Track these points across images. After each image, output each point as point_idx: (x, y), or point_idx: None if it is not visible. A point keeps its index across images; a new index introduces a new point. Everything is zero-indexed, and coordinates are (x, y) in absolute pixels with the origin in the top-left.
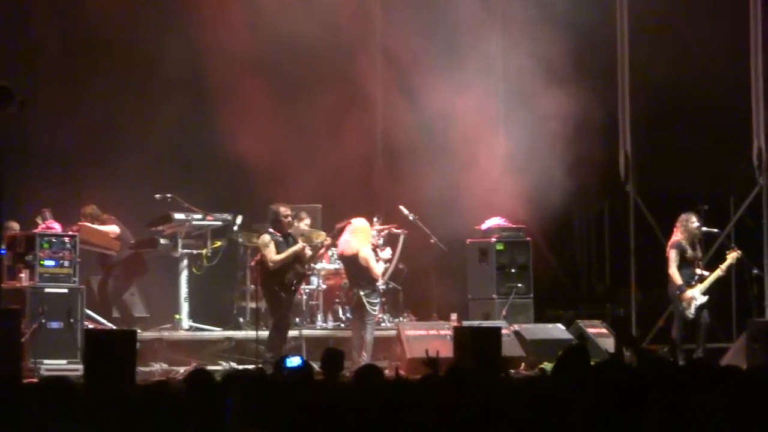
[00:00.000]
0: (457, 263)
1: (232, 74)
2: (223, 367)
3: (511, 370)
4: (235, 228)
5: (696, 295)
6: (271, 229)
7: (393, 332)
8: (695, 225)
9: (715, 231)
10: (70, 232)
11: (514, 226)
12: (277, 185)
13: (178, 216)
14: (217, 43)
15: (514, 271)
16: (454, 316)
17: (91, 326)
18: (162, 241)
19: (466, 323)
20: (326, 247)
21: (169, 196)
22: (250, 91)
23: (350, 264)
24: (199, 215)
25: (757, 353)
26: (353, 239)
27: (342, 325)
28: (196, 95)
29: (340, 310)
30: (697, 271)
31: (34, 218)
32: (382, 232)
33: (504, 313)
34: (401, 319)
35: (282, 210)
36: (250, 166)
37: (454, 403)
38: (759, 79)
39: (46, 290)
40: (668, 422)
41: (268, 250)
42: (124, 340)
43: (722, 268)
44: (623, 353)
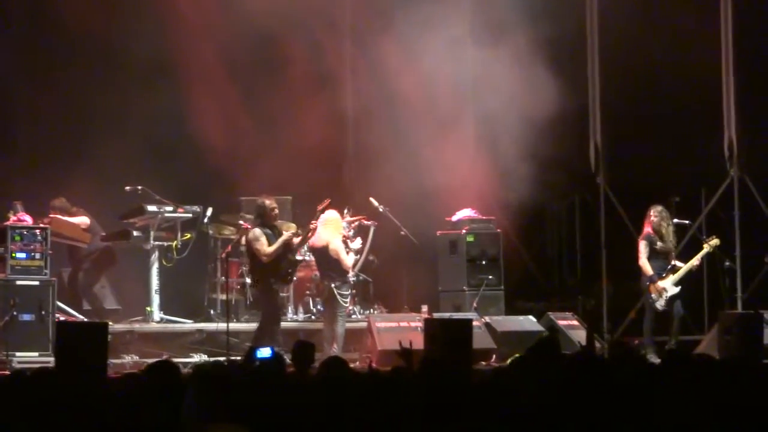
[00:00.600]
0: (427, 255)
1: (201, 64)
2: (194, 359)
3: (482, 362)
4: (206, 220)
5: (668, 287)
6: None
7: (364, 324)
8: (661, 217)
9: (686, 222)
10: (42, 225)
11: (484, 217)
12: (245, 177)
13: (151, 208)
14: (187, 30)
15: (484, 262)
16: (425, 308)
17: (62, 318)
18: (134, 233)
19: (437, 315)
20: (313, 231)
21: (140, 188)
22: (218, 81)
23: (321, 256)
24: (171, 207)
25: (730, 345)
26: (324, 231)
27: (313, 318)
28: (166, 86)
29: (311, 302)
30: (673, 263)
31: (6, 211)
32: (353, 224)
33: (475, 305)
34: (372, 311)
35: (268, 203)
36: (218, 158)
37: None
38: (730, 70)
39: (18, 282)
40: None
41: (259, 244)
42: (96, 333)
43: (697, 258)
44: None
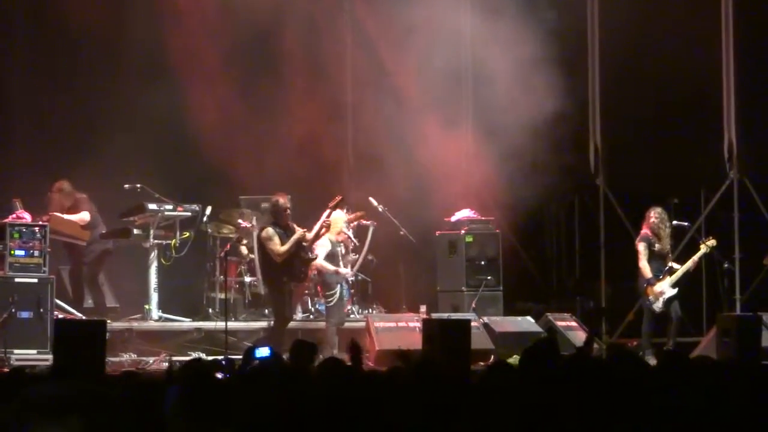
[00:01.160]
0: (426, 255)
1: (201, 63)
2: (193, 357)
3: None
4: (204, 219)
5: (665, 288)
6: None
7: (362, 324)
8: (660, 219)
9: (686, 224)
10: (40, 222)
11: (483, 218)
12: (244, 175)
13: (152, 206)
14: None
15: (483, 263)
16: (424, 308)
17: (61, 316)
18: (135, 231)
19: (435, 315)
20: (327, 228)
21: (139, 186)
22: (218, 80)
23: None
24: (170, 206)
25: (728, 347)
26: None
27: (311, 317)
28: (166, 85)
29: (310, 302)
30: (669, 264)
31: (4, 209)
32: (352, 223)
33: (473, 305)
34: (370, 310)
35: (282, 201)
36: (217, 156)
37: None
38: (730, 72)
39: (16, 280)
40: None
41: (273, 243)
42: (94, 331)
43: (693, 259)
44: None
